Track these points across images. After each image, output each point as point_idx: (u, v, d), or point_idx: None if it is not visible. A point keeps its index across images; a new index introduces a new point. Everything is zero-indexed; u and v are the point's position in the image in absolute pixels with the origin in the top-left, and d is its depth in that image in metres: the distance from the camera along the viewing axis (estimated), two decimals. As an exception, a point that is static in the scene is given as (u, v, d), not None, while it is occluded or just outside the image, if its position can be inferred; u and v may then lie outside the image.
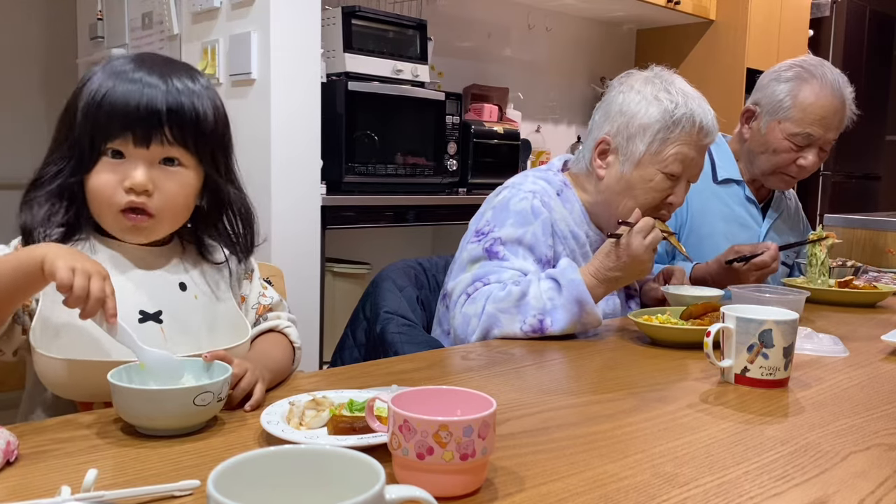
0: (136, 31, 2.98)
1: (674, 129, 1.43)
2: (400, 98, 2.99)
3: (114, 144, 0.96)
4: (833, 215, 3.19)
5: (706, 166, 2.01)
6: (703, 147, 1.47)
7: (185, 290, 1.03)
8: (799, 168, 1.91)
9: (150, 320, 0.98)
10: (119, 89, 0.95)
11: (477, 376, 1.11)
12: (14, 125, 3.27)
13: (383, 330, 1.52)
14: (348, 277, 3.02)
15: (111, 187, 0.96)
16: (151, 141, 0.95)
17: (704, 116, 1.45)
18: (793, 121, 1.87)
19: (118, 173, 0.96)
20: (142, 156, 0.96)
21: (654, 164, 1.45)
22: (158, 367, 0.87)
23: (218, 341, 1.01)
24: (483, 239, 1.44)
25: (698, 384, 1.08)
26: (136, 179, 0.95)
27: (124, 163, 0.96)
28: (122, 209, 0.97)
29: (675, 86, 1.48)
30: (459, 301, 1.40)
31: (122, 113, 0.94)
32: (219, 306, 1.06)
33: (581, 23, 4.52)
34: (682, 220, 1.95)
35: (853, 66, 4.74)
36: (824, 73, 1.87)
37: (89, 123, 0.96)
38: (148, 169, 0.96)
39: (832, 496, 0.71)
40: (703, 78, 4.52)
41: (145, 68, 0.97)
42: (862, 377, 1.14)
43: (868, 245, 2.92)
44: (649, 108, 1.45)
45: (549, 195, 1.50)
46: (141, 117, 0.94)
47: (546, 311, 1.32)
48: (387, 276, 1.62)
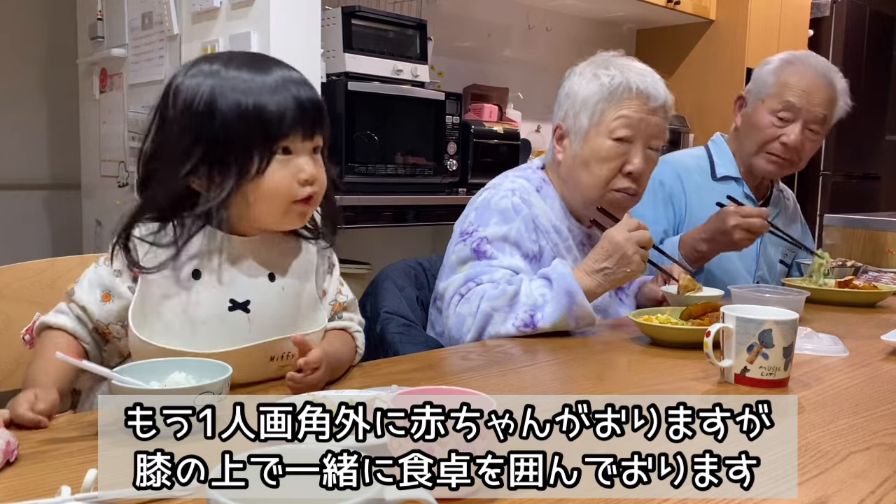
0: (136, 31, 2.98)
1: (612, 98, 1.46)
2: (400, 98, 2.99)
3: (286, 142, 1.00)
4: (833, 215, 3.19)
5: (705, 164, 2.02)
6: (650, 109, 1.47)
7: (274, 280, 1.07)
8: (783, 146, 1.90)
9: (238, 309, 1.03)
10: (271, 88, 1.00)
11: (476, 376, 1.11)
12: (14, 125, 3.27)
13: (383, 330, 1.52)
14: (348, 277, 2.99)
15: (287, 182, 1.01)
16: (315, 133, 1.03)
17: (642, 81, 1.46)
18: (773, 96, 1.89)
19: (290, 168, 1.01)
20: (306, 149, 1.03)
21: (601, 135, 1.47)
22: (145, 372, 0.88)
23: (297, 329, 1.06)
24: (469, 239, 1.46)
25: (698, 384, 1.08)
26: (310, 172, 1.02)
27: (292, 158, 1.02)
28: (296, 200, 1.03)
29: (614, 63, 1.50)
30: (453, 301, 1.41)
31: (290, 112, 1.00)
32: (302, 295, 1.10)
33: (581, 23, 4.52)
34: (680, 216, 1.96)
35: (853, 66, 4.73)
36: (809, 57, 1.90)
37: (252, 129, 0.99)
38: (310, 159, 1.03)
39: (832, 496, 0.71)
40: (703, 78, 4.53)
41: (272, 66, 1.02)
42: (862, 377, 1.14)
43: (868, 245, 2.92)
44: (589, 85, 1.50)
45: (529, 192, 1.52)
46: (305, 112, 1.01)
47: (537, 306, 1.33)
48: (387, 276, 1.62)
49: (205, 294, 1.02)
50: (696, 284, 1.53)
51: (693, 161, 2.04)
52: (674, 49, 4.63)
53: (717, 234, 1.71)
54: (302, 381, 0.98)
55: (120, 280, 1.02)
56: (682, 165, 2.01)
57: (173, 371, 0.88)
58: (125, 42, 3.02)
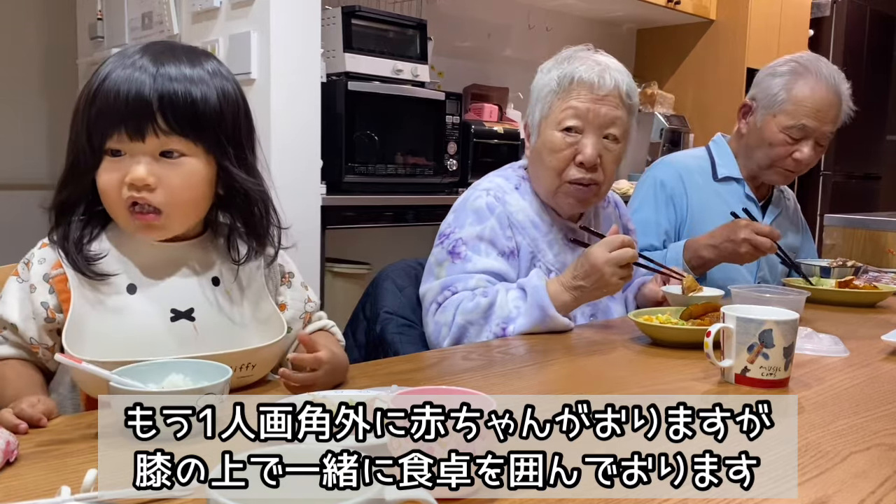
0: (136, 31, 2.98)
1: (559, 90, 1.49)
2: (400, 98, 2.98)
3: (111, 142, 0.93)
4: (833, 215, 3.18)
5: (706, 165, 2.02)
6: (597, 98, 1.46)
7: (218, 284, 1.01)
8: (795, 162, 1.91)
9: (182, 318, 0.97)
10: (111, 80, 0.92)
11: (477, 376, 1.11)
12: (14, 125, 3.27)
13: (383, 330, 1.52)
14: (348, 277, 3.02)
15: (115, 186, 0.94)
16: (146, 134, 0.92)
17: (587, 72, 1.47)
18: (787, 113, 1.88)
19: (120, 171, 0.94)
20: (140, 150, 0.93)
21: (550, 127, 1.49)
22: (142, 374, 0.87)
23: (251, 339, 1.00)
24: (446, 241, 1.49)
25: (698, 384, 1.08)
26: (134, 174, 0.92)
27: (124, 160, 0.94)
28: (128, 207, 0.95)
29: (573, 57, 1.52)
30: (430, 310, 1.44)
31: (113, 107, 0.91)
32: (252, 302, 1.03)
33: (581, 23, 4.52)
34: (681, 217, 1.96)
35: (853, 66, 4.73)
36: (819, 68, 1.88)
37: (86, 123, 0.94)
38: (149, 163, 0.93)
39: (832, 496, 0.71)
40: (703, 78, 4.53)
41: (147, 56, 0.94)
42: (862, 377, 1.14)
43: (868, 245, 2.92)
44: (541, 80, 1.53)
45: (505, 190, 1.54)
46: (131, 110, 0.91)
47: (511, 318, 1.36)
48: (387, 276, 1.62)
49: (142, 308, 0.96)
50: (697, 284, 1.53)
51: (694, 162, 2.04)
52: (674, 49, 4.62)
53: (725, 243, 1.72)
54: (298, 380, 0.94)
55: (35, 295, 0.97)
56: (684, 166, 2.01)
57: (170, 373, 0.87)
58: (125, 42, 3.02)
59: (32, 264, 0.98)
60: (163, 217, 0.96)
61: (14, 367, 0.97)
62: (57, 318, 0.96)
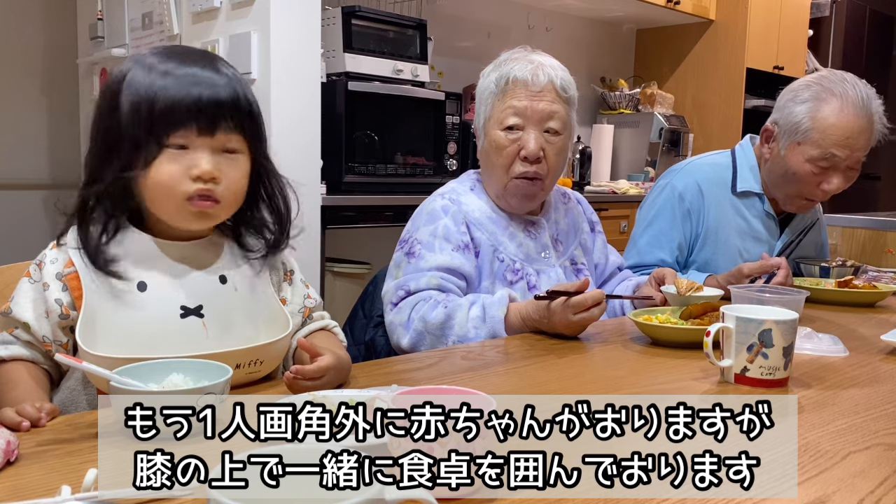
0: (135, 31, 2.98)
1: (497, 92, 1.53)
2: (400, 98, 2.99)
3: (177, 137, 0.97)
4: (833, 215, 3.18)
5: (727, 175, 1.93)
6: (534, 94, 1.50)
7: (226, 282, 1.05)
8: (823, 193, 1.79)
9: (191, 315, 1.01)
10: (173, 82, 0.97)
11: (477, 376, 1.11)
12: (14, 125, 3.27)
13: (378, 329, 1.52)
14: (348, 277, 3.02)
15: (177, 177, 0.98)
16: (217, 130, 0.98)
17: (521, 71, 1.51)
18: (812, 143, 1.73)
19: (182, 163, 0.98)
20: (206, 145, 0.99)
21: (494, 127, 1.54)
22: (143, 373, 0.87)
23: (259, 335, 1.04)
24: (404, 245, 1.53)
25: (698, 384, 1.08)
26: (204, 167, 0.98)
27: (188, 153, 0.98)
28: (190, 197, 0.99)
29: (509, 58, 1.56)
30: (387, 310, 1.47)
31: (186, 105, 0.97)
32: (259, 298, 1.07)
33: (581, 23, 4.52)
34: (697, 231, 1.91)
35: (853, 66, 4.73)
36: (845, 91, 1.72)
37: (145, 119, 0.96)
38: (212, 158, 0.99)
39: (832, 496, 0.71)
40: (703, 78, 4.53)
41: (191, 62, 1.00)
42: (862, 377, 1.14)
43: (868, 245, 2.92)
44: (482, 84, 1.58)
45: (460, 193, 1.59)
46: (204, 108, 0.97)
47: (467, 338, 1.37)
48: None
49: (153, 304, 0.99)
50: (696, 284, 1.53)
51: (715, 172, 1.93)
52: (673, 49, 4.63)
53: (731, 280, 1.67)
54: (301, 386, 0.95)
55: (49, 293, 1.00)
56: (705, 177, 1.91)
57: (171, 373, 0.87)
58: (125, 42, 3.02)
59: (45, 264, 1.02)
60: (218, 207, 1.01)
61: (22, 368, 1.00)
62: (71, 314, 1.00)
